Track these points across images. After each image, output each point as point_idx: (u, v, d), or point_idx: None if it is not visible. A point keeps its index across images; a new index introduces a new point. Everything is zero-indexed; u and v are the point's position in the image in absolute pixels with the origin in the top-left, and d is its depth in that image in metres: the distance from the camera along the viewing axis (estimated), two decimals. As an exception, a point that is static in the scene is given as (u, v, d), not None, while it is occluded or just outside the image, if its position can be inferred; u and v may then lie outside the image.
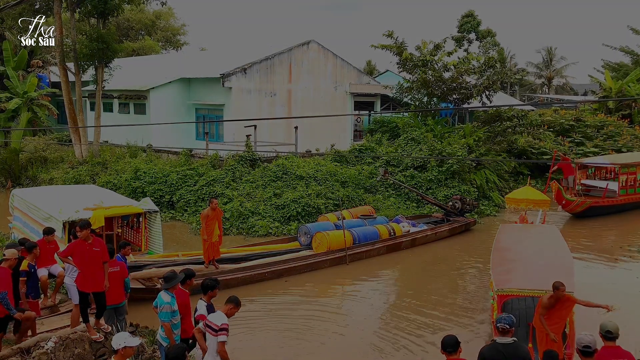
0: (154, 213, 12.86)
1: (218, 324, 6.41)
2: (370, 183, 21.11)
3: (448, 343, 5.64)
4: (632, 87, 35.71)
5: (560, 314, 7.83)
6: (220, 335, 6.36)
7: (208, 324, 6.55)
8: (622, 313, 10.81)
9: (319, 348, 9.79)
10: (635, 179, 21.52)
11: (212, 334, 6.46)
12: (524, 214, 14.87)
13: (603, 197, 20.82)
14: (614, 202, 21.00)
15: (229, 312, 6.64)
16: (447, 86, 25.04)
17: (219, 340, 6.37)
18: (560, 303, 7.80)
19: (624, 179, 21.23)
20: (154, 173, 20.48)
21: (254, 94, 25.92)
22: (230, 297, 6.79)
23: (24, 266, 8.66)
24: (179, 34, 62.25)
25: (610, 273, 14.57)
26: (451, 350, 5.63)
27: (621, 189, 21.14)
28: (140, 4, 26.74)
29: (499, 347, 5.81)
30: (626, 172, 21.28)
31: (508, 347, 5.79)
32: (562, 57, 64.76)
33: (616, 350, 5.90)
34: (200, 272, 11.83)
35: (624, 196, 21.21)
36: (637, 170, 21.57)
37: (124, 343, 5.49)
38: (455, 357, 5.65)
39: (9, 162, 25.17)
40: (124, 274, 8.85)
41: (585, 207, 20.31)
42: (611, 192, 21.11)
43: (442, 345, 5.68)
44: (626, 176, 21.27)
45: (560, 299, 7.77)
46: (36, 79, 30.95)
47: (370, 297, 12.44)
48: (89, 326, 8.51)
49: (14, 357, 8.01)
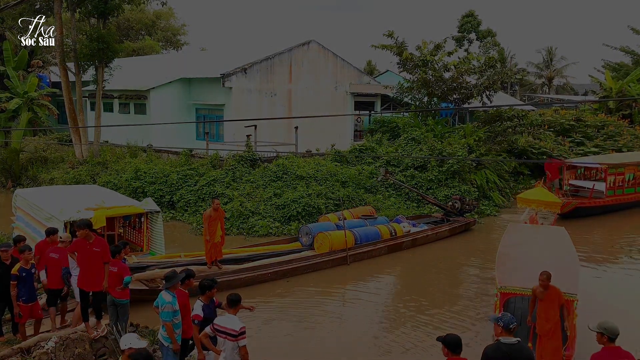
0: (155, 213, 12.85)
1: (237, 328, 6.44)
2: (370, 183, 21.11)
3: (451, 342, 5.58)
4: (632, 87, 35.70)
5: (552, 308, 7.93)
6: (241, 339, 6.41)
7: (221, 329, 6.55)
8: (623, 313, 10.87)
9: (320, 348, 9.79)
10: (623, 179, 21.16)
11: (230, 339, 6.47)
12: (534, 214, 14.84)
13: (590, 198, 20.48)
14: (601, 203, 20.62)
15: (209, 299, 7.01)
16: (448, 86, 25.04)
17: (242, 345, 6.42)
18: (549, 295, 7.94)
19: (612, 180, 20.88)
20: (154, 173, 20.48)
21: (254, 94, 25.91)
22: (231, 297, 6.79)
23: (15, 271, 8.51)
24: (179, 34, 62.28)
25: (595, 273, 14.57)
26: (454, 350, 5.58)
27: (609, 190, 20.77)
28: (141, 4, 26.72)
29: (503, 348, 5.78)
30: (614, 173, 20.92)
31: (512, 348, 5.77)
32: (562, 57, 64.78)
33: (616, 350, 5.89)
34: (203, 273, 11.83)
35: (612, 197, 20.87)
36: (626, 171, 21.18)
37: (130, 344, 5.56)
38: (457, 357, 5.61)
39: (9, 162, 25.16)
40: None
41: (571, 208, 19.96)
42: (598, 193, 20.72)
43: (446, 344, 5.60)
44: (614, 177, 20.92)
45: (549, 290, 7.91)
46: (36, 79, 30.95)
47: (371, 297, 12.43)
48: (87, 325, 8.53)
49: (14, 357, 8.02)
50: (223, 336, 6.53)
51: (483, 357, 5.83)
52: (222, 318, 6.70)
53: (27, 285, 8.64)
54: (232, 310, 6.71)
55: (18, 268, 8.57)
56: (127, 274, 8.84)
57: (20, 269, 8.58)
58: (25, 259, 8.68)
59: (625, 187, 21.26)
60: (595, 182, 21.34)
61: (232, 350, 6.46)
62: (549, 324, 7.88)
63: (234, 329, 6.43)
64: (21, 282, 8.56)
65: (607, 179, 20.81)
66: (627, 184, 21.32)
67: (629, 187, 21.43)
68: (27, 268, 8.66)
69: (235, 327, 6.43)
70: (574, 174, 22.14)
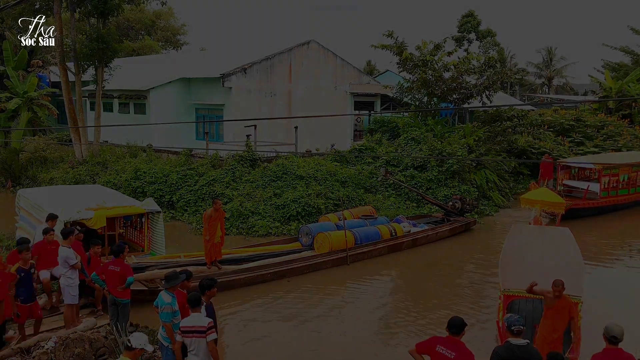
0: (156, 213, 12.82)
1: (204, 324, 6.50)
2: (370, 183, 21.11)
3: (453, 324, 5.97)
4: (632, 87, 35.69)
5: (561, 318, 7.68)
6: (210, 334, 6.46)
7: (190, 329, 6.59)
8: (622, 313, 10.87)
9: (321, 348, 9.78)
10: (617, 180, 20.90)
11: (199, 336, 6.51)
12: (538, 215, 14.76)
13: (584, 199, 20.19)
14: (595, 204, 20.33)
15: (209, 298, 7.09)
16: (447, 86, 25.02)
17: (211, 339, 6.46)
18: (560, 305, 7.65)
19: (606, 181, 20.61)
20: (154, 173, 20.47)
21: (254, 94, 25.90)
22: (191, 297, 6.77)
23: (13, 270, 8.54)
24: (179, 34, 62.28)
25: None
26: (455, 332, 5.93)
27: (603, 191, 20.49)
28: (140, 3, 26.77)
29: (513, 349, 5.86)
30: (608, 174, 20.63)
31: (523, 349, 5.86)
32: (562, 57, 64.85)
33: (619, 353, 5.89)
34: (203, 273, 11.80)
35: (606, 198, 20.57)
36: (620, 171, 20.91)
37: (142, 345, 5.59)
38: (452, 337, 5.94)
39: (9, 162, 25.13)
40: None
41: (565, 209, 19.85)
42: (592, 194, 20.40)
43: (448, 325, 6.00)
44: (608, 178, 20.64)
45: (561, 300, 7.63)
46: (36, 78, 30.94)
47: (371, 297, 12.42)
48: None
49: (14, 357, 8.02)
50: (192, 335, 6.57)
51: (493, 357, 5.88)
52: (188, 319, 6.74)
53: (25, 285, 8.64)
54: (197, 309, 6.74)
55: (16, 268, 8.57)
56: (130, 274, 8.84)
57: (19, 269, 8.58)
58: (23, 259, 8.68)
59: (620, 188, 20.98)
60: (590, 182, 21.06)
61: (202, 348, 6.53)
62: (555, 334, 7.61)
63: (202, 325, 6.50)
64: (20, 282, 8.55)
65: (602, 179, 20.52)
66: (621, 185, 21.05)
67: (622, 189, 21.15)
68: (25, 268, 8.66)
69: (204, 324, 6.51)
70: (568, 174, 21.88)
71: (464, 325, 5.98)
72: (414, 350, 6.18)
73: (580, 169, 22.03)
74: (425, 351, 6.07)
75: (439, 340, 6.01)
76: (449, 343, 5.91)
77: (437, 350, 5.92)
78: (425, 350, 6.08)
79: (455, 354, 5.80)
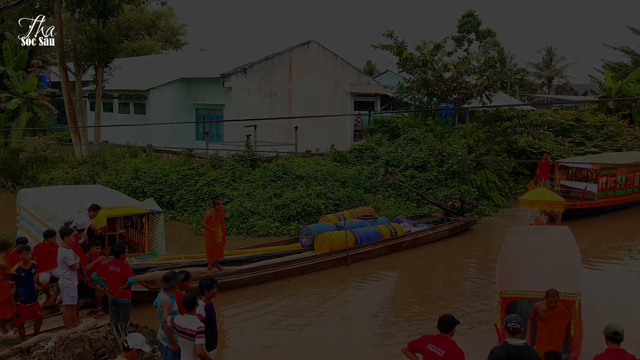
0: (157, 214, 12.81)
1: (194, 328, 6.52)
2: (370, 183, 21.11)
3: (443, 322, 6.07)
4: (632, 87, 35.66)
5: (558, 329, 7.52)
6: (199, 338, 6.48)
7: (181, 329, 6.64)
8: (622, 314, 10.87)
9: (321, 348, 9.79)
10: (615, 180, 20.71)
11: (188, 338, 6.56)
12: (539, 215, 14.73)
13: (581, 200, 19.98)
14: (593, 204, 20.13)
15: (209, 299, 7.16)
16: (447, 86, 25.02)
17: (199, 344, 6.48)
18: (555, 315, 7.47)
19: (604, 181, 20.42)
20: (154, 173, 20.47)
21: (254, 94, 25.90)
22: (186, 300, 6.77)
23: (13, 270, 8.56)
24: (179, 34, 62.26)
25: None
26: (444, 329, 6.02)
27: (600, 192, 20.29)
28: (140, 4, 26.71)
29: (510, 349, 5.85)
30: (606, 175, 20.42)
31: (520, 350, 5.85)
32: (562, 57, 64.88)
33: (621, 353, 5.89)
34: (204, 274, 11.80)
35: (603, 199, 20.39)
36: (618, 172, 20.69)
37: (139, 346, 5.59)
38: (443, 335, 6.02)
39: (9, 162, 25.13)
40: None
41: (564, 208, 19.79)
42: (590, 195, 20.19)
43: (438, 323, 6.10)
44: (606, 178, 20.44)
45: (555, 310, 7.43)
46: (36, 79, 30.94)
47: (372, 297, 12.42)
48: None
49: (14, 357, 8.02)
50: (182, 336, 6.65)
51: (490, 357, 5.88)
52: (182, 319, 6.77)
53: (25, 285, 8.66)
54: (192, 311, 6.76)
55: (16, 268, 8.59)
56: (131, 274, 8.85)
57: (19, 269, 8.60)
58: (23, 259, 8.70)
59: (617, 188, 20.81)
60: (588, 183, 20.87)
61: (191, 349, 6.57)
62: (552, 345, 7.34)
63: (192, 328, 6.52)
64: (20, 282, 8.57)
65: (599, 180, 20.35)
66: (619, 186, 20.90)
67: (620, 189, 20.98)
68: (25, 268, 8.68)
69: (193, 327, 6.53)
70: (565, 174, 21.72)
71: (454, 322, 6.03)
72: (407, 349, 6.25)
73: (577, 169, 21.85)
74: (417, 349, 6.15)
75: (429, 339, 6.08)
76: (439, 341, 5.98)
77: (427, 349, 5.99)
78: (416, 348, 6.15)
79: (445, 352, 5.86)
